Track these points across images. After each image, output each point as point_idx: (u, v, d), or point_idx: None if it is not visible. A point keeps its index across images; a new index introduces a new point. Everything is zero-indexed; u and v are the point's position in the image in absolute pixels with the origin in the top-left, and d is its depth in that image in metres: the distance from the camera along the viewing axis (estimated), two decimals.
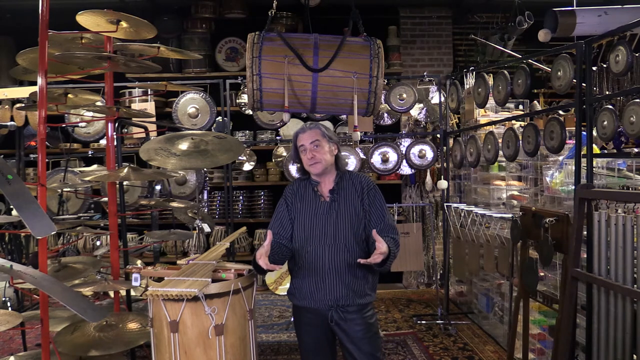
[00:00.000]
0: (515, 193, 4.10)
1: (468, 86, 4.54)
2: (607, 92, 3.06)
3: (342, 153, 2.39)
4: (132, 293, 3.08)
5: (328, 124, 5.50)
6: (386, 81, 4.89)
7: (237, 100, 5.28)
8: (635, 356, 2.21)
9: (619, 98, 3.07)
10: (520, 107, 4.74)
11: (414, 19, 5.94)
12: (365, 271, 2.22)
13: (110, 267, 2.80)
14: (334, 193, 2.25)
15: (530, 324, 3.04)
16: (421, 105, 5.25)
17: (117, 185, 2.86)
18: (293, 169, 4.92)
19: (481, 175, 4.57)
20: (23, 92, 4.42)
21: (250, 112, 5.06)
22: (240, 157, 5.09)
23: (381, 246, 2.01)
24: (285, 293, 5.61)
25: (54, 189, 3.35)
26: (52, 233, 1.83)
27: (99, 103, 2.96)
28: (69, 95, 2.62)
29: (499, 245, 3.59)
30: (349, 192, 2.25)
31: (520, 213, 2.99)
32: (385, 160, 4.89)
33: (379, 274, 2.32)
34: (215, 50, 5.76)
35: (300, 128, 2.31)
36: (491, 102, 4.05)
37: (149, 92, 4.98)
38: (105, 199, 3.02)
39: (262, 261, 2.00)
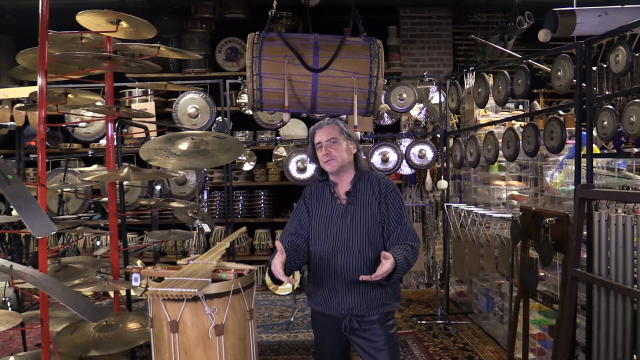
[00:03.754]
0: (515, 193, 4.10)
1: (468, 86, 4.54)
2: (607, 92, 3.06)
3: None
4: (132, 293, 3.08)
5: None
6: (386, 81, 4.89)
7: (237, 100, 5.28)
8: (635, 356, 2.21)
9: (619, 98, 3.07)
10: (520, 107, 4.74)
11: (414, 19, 5.94)
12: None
13: (110, 267, 2.80)
14: (351, 195, 2.14)
15: (530, 324, 3.04)
16: (421, 105, 5.25)
17: (117, 185, 2.86)
18: (294, 168, 4.93)
19: (481, 175, 4.57)
20: (23, 92, 4.42)
21: (250, 112, 5.06)
22: (240, 157, 5.10)
23: (384, 265, 1.87)
24: (285, 293, 5.63)
25: (54, 189, 3.35)
26: (52, 233, 1.83)
27: (99, 103, 2.96)
28: (69, 95, 2.62)
29: (499, 245, 3.59)
30: (366, 195, 2.14)
31: (520, 213, 2.99)
32: (385, 160, 4.89)
33: (399, 280, 2.21)
34: (215, 50, 5.77)
35: (318, 124, 2.20)
36: (491, 102, 4.05)
37: (149, 92, 4.98)
38: (105, 199, 3.02)
39: (278, 270, 1.90)
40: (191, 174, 5.10)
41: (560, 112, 3.80)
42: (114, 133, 2.83)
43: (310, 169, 4.84)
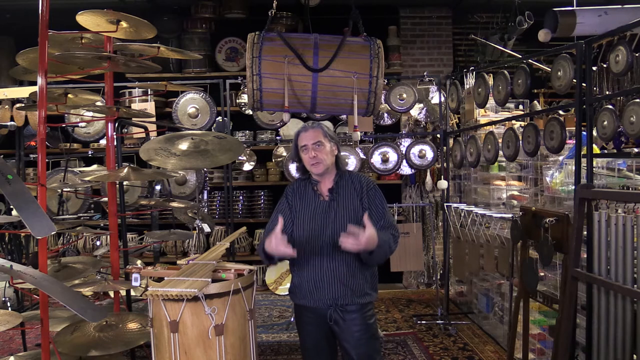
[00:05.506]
0: (515, 193, 4.10)
1: (468, 86, 4.54)
2: (607, 92, 3.06)
3: (342, 153, 2.40)
4: (132, 293, 3.08)
5: (328, 124, 5.49)
6: (386, 81, 4.89)
7: (237, 100, 5.28)
8: (635, 356, 2.21)
9: (619, 98, 3.07)
10: (520, 107, 4.74)
11: (414, 19, 5.94)
12: (364, 269, 2.22)
13: (110, 267, 2.80)
14: (333, 192, 2.25)
15: (530, 324, 3.04)
16: (421, 105, 5.25)
17: (117, 185, 2.86)
18: (293, 168, 4.92)
19: (481, 175, 4.57)
20: (23, 92, 4.42)
21: (250, 112, 5.06)
22: (240, 157, 5.10)
23: (368, 229, 1.98)
24: (285, 293, 5.62)
25: (54, 189, 3.36)
26: (52, 233, 1.83)
27: (99, 103, 2.96)
28: (69, 95, 2.62)
29: (499, 245, 3.58)
30: (348, 191, 2.26)
31: (520, 213, 2.99)
32: (385, 160, 4.88)
33: (377, 272, 2.32)
34: (215, 50, 5.77)
35: (302, 127, 2.31)
36: (491, 102, 4.05)
37: (149, 92, 4.98)
38: (105, 199, 3.02)
39: (276, 242, 2.00)
40: (191, 174, 5.10)
41: (560, 112, 3.80)
42: (114, 133, 2.83)
43: None
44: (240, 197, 5.76)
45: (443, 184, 4.60)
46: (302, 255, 2.20)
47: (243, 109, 5.17)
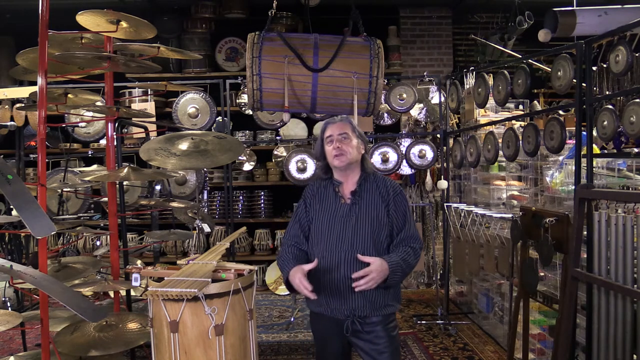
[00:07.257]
0: (515, 193, 4.10)
1: (468, 86, 4.54)
2: (607, 92, 3.06)
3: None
4: (132, 293, 3.08)
5: None
6: (386, 81, 4.89)
7: (237, 100, 5.28)
8: (635, 356, 2.21)
9: (619, 98, 3.07)
10: (520, 107, 4.74)
11: (414, 19, 5.94)
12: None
13: (110, 267, 2.80)
14: (356, 195, 2.10)
15: (530, 324, 3.04)
16: (421, 105, 5.25)
17: (117, 185, 2.86)
18: (294, 168, 4.92)
19: (481, 175, 4.57)
20: (23, 92, 4.42)
21: (250, 112, 5.06)
22: (240, 157, 5.10)
23: (371, 266, 1.91)
24: (285, 293, 5.61)
25: (54, 189, 3.35)
26: (52, 233, 1.83)
27: (99, 103, 2.96)
28: (69, 95, 2.62)
29: (499, 245, 3.58)
30: (372, 196, 2.11)
31: (520, 213, 2.99)
32: (385, 160, 4.88)
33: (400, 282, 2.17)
34: (215, 50, 5.77)
35: (330, 119, 2.19)
36: (491, 102, 4.05)
37: (149, 92, 4.98)
38: (105, 199, 3.01)
39: (305, 286, 1.92)
40: (191, 174, 5.10)
41: (560, 112, 3.80)
42: (114, 133, 2.83)
43: (310, 169, 4.83)
44: (240, 197, 5.77)
45: (443, 184, 4.60)
46: (319, 262, 2.07)
47: (243, 109, 5.17)
